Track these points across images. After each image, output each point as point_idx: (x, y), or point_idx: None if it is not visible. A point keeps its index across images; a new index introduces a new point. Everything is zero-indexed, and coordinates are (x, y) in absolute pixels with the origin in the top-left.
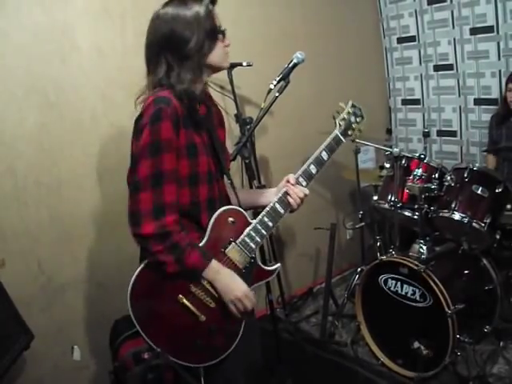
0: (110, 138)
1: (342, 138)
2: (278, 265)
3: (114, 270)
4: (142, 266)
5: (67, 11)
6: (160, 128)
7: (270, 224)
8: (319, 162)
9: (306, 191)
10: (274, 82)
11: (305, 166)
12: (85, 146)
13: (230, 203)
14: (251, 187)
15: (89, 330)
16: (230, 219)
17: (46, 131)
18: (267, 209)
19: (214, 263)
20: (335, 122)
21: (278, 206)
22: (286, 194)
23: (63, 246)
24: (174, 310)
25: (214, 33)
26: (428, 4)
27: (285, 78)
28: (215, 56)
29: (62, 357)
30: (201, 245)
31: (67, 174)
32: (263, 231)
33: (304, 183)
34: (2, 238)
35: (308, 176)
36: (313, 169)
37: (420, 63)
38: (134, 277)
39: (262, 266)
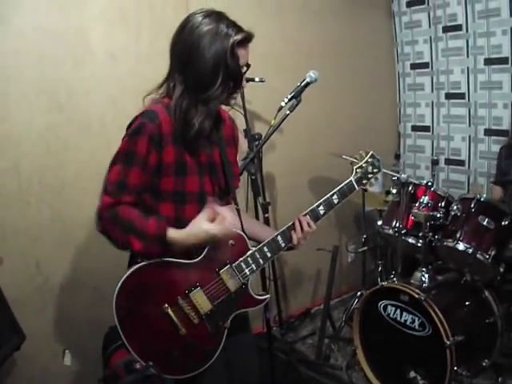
0: (117, 144)
1: (355, 185)
2: (268, 296)
3: (112, 276)
4: (136, 267)
5: (84, 15)
6: (136, 142)
7: (269, 255)
8: (329, 205)
9: (314, 227)
10: (286, 100)
11: (313, 206)
12: (91, 150)
13: None
14: (256, 203)
15: (82, 334)
16: (231, 241)
17: (53, 133)
18: (269, 239)
19: (172, 229)
20: (352, 169)
21: (279, 238)
22: (291, 227)
23: (63, 248)
24: (157, 317)
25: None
26: (443, 32)
27: (296, 96)
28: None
29: (53, 360)
30: (197, 260)
31: (72, 176)
32: (260, 260)
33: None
34: (1, 236)
35: (315, 217)
36: (321, 210)
37: (432, 90)
38: (125, 276)
39: (252, 294)
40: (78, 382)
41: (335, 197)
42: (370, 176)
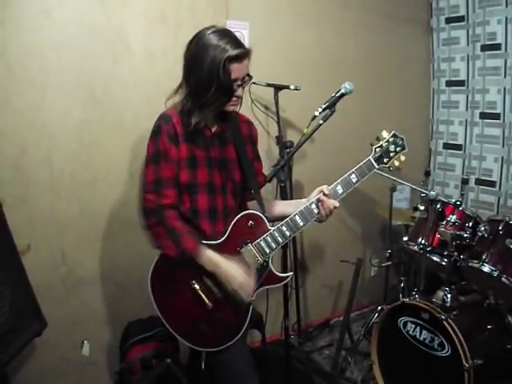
0: None
1: (374, 163)
2: (291, 273)
3: (135, 273)
4: None
5: (125, 14)
6: (158, 141)
7: (288, 233)
8: (347, 184)
9: (337, 204)
10: (320, 110)
11: (331, 186)
12: (123, 147)
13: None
14: None
15: (101, 327)
16: (250, 222)
17: (87, 127)
18: (287, 219)
19: (208, 251)
20: (371, 148)
21: (297, 217)
22: (315, 203)
23: (88, 241)
24: (186, 293)
25: (227, 94)
26: (481, 50)
27: (330, 106)
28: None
29: (72, 350)
30: (220, 241)
31: (103, 171)
32: (279, 239)
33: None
34: (30, 225)
35: (333, 196)
36: (339, 189)
37: (466, 109)
38: (157, 257)
39: (274, 270)
40: (95, 372)
41: (353, 175)
42: (392, 154)
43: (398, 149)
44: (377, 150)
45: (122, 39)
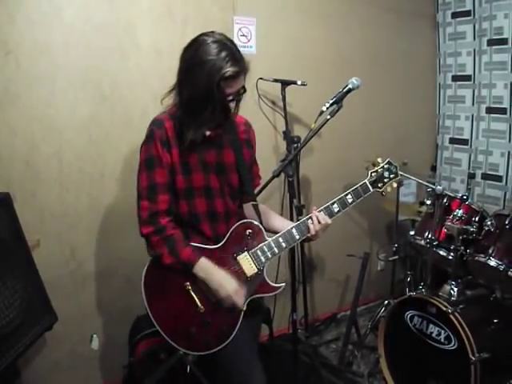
0: None
1: (369, 186)
2: (283, 284)
3: (143, 268)
4: None
5: (132, 10)
6: (151, 146)
7: (284, 245)
8: (343, 204)
9: (329, 221)
10: (327, 105)
11: (328, 204)
12: (131, 142)
13: (242, 218)
14: (291, 205)
15: (110, 321)
16: (248, 231)
17: (96, 123)
18: (284, 231)
19: (204, 261)
20: (367, 173)
21: (294, 230)
22: (305, 221)
23: (97, 236)
24: (179, 295)
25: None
26: (488, 45)
27: (338, 101)
28: None
29: (81, 343)
30: (217, 246)
31: (111, 166)
32: (275, 249)
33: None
34: (40, 219)
35: (329, 213)
36: (335, 208)
37: (473, 103)
38: (149, 262)
39: (268, 280)
40: (104, 366)
41: (349, 196)
42: (386, 180)
43: (391, 176)
44: (373, 174)
45: (129, 35)
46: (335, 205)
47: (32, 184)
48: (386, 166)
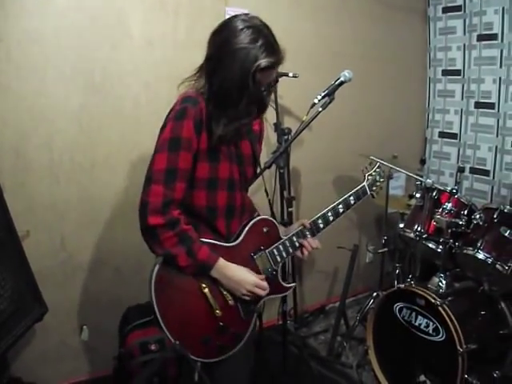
0: (149, 128)
1: (368, 190)
2: (294, 284)
3: (134, 259)
4: None
5: (124, 0)
6: (182, 126)
7: (297, 244)
8: (347, 205)
9: (319, 246)
10: (319, 97)
11: (331, 206)
12: (123, 132)
13: (252, 215)
14: (282, 197)
15: (100, 312)
16: (265, 229)
17: (87, 112)
18: (297, 230)
19: (222, 261)
20: (364, 176)
21: (307, 231)
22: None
23: (87, 227)
24: (194, 297)
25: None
26: (478, 40)
27: (330, 94)
28: None
29: (71, 334)
30: (234, 244)
31: (102, 156)
32: (290, 249)
33: (322, 225)
34: (29, 210)
35: (325, 221)
36: (340, 208)
37: (462, 98)
38: (158, 265)
39: (281, 280)
40: (93, 357)
41: (352, 198)
42: (378, 184)
43: (381, 180)
44: (369, 178)
45: (121, 25)
46: (341, 205)
47: (22, 174)
48: (377, 170)
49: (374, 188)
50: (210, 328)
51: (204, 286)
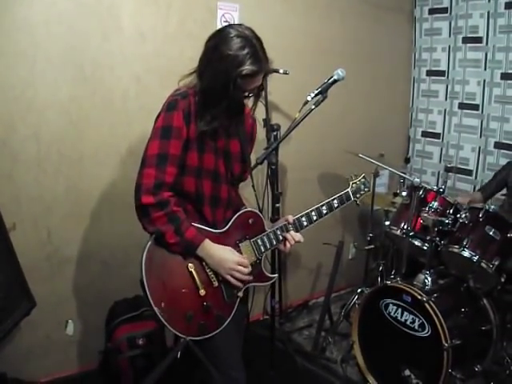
0: (138, 121)
1: (351, 196)
2: (276, 275)
3: (121, 252)
4: None
5: None
6: (173, 116)
7: (281, 237)
8: (330, 207)
9: (301, 240)
10: (312, 95)
11: (315, 206)
12: (112, 125)
13: (239, 208)
14: (274, 193)
15: (87, 306)
16: (251, 220)
17: (76, 104)
18: (281, 224)
19: (207, 241)
20: (349, 184)
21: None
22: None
23: (74, 220)
24: (181, 275)
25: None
26: (463, 42)
27: (323, 92)
28: None
29: (56, 329)
30: (222, 231)
31: (90, 149)
32: (274, 241)
33: (305, 223)
34: (16, 202)
35: (308, 221)
36: (324, 210)
37: (446, 99)
38: (150, 241)
39: (264, 270)
40: (79, 351)
41: (335, 201)
42: (362, 192)
43: (366, 189)
44: (353, 185)
45: (112, 17)
46: (324, 207)
47: (8, 165)
48: (362, 180)
49: (358, 195)
50: (194, 306)
51: (191, 265)
